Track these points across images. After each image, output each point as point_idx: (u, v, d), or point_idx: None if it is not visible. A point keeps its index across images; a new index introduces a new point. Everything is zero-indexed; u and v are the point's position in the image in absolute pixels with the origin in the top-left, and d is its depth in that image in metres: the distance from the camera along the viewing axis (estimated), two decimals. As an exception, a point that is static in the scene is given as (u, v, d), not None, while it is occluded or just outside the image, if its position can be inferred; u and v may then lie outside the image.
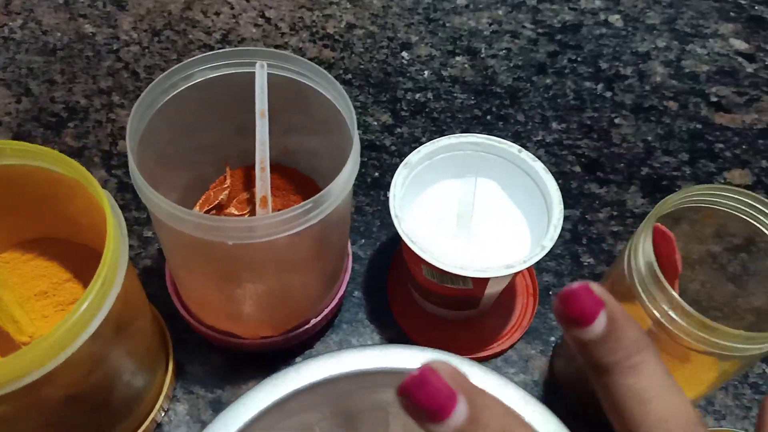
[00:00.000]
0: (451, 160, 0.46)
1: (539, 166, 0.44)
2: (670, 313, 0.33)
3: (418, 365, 0.19)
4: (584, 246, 0.53)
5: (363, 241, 0.52)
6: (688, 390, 0.39)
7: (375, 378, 0.38)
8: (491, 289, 0.43)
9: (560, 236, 0.53)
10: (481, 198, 0.46)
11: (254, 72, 0.39)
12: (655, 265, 0.33)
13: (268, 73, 0.40)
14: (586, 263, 0.52)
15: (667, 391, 0.21)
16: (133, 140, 0.35)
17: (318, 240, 0.38)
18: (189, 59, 0.38)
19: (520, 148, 0.45)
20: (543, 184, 0.44)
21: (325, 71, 0.39)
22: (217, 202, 0.44)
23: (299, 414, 0.38)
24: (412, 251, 0.41)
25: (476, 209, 0.46)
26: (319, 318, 0.44)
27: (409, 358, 0.38)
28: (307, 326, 0.44)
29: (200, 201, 0.45)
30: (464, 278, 0.41)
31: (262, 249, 0.34)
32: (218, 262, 0.35)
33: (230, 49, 0.39)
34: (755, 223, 0.37)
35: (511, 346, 0.48)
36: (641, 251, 0.34)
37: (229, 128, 0.43)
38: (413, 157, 0.44)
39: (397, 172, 0.43)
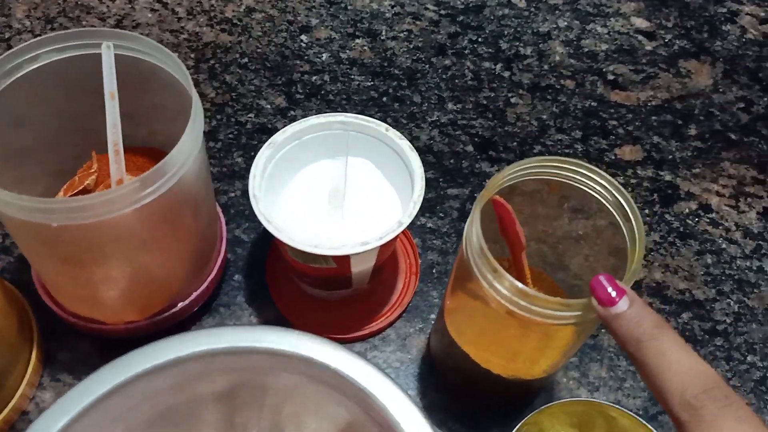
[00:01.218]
0: (322, 140, 0.46)
1: (405, 144, 0.44)
2: (497, 286, 0.33)
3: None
4: (471, 224, 0.53)
5: (246, 224, 0.52)
6: (543, 357, 0.40)
7: (222, 359, 0.38)
8: (358, 268, 0.43)
9: (448, 215, 0.54)
10: (353, 177, 0.46)
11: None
12: (482, 239, 0.33)
13: (123, 55, 0.40)
14: (472, 241, 0.52)
15: (685, 352, 0.27)
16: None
17: (164, 218, 0.37)
18: (32, 41, 0.38)
19: (387, 126, 0.45)
20: (408, 162, 0.44)
21: (165, 49, 0.38)
22: (82, 187, 0.44)
23: (148, 397, 0.37)
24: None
25: (348, 188, 0.46)
26: (187, 301, 0.44)
27: (250, 338, 0.38)
28: (174, 310, 0.44)
29: (65, 187, 0.44)
30: (325, 257, 0.41)
31: (94, 229, 0.34)
32: (53, 246, 0.35)
33: (74, 30, 0.39)
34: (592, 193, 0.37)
35: (390, 325, 0.49)
36: (473, 228, 0.34)
37: (91, 112, 0.43)
38: (279, 137, 0.44)
39: (260, 152, 0.43)
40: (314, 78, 0.60)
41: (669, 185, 0.57)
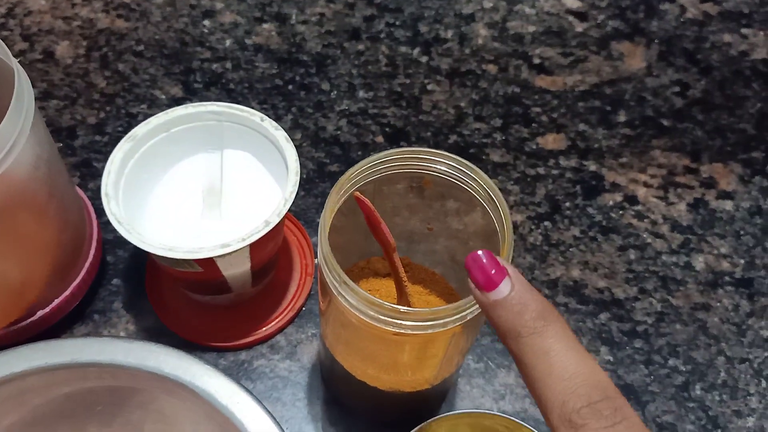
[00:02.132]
0: (193, 132, 0.42)
1: (281, 135, 0.40)
2: (349, 298, 0.29)
3: None
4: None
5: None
6: (422, 368, 0.36)
7: (63, 374, 0.34)
8: (230, 271, 0.40)
9: (349, 211, 0.50)
10: (231, 172, 0.42)
11: None
12: (327, 247, 0.29)
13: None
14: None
15: (572, 352, 0.22)
16: None
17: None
18: None
19: (262, 116, 0.41)
20: (285, 154, 0.40)
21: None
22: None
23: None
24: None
25: (226, 185, 0.42)
26: (48, 309, 0.40)
27: (96, 351, 0.34)
28: (33, 319, 0.40)
29: None
30: (187, 261, 0.38)
31: None
32: None
33: None
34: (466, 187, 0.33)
35: (280, 331, 0.45)
36: (322, 232, 0.30)
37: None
38: (140, 129, 0.40)
39: (117, 146, 0.39)
40: (215, 66, 0.56)
41: (593, 176, 0.54)
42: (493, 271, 0.24)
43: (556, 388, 0.22)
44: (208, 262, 0.38)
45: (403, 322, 0.28)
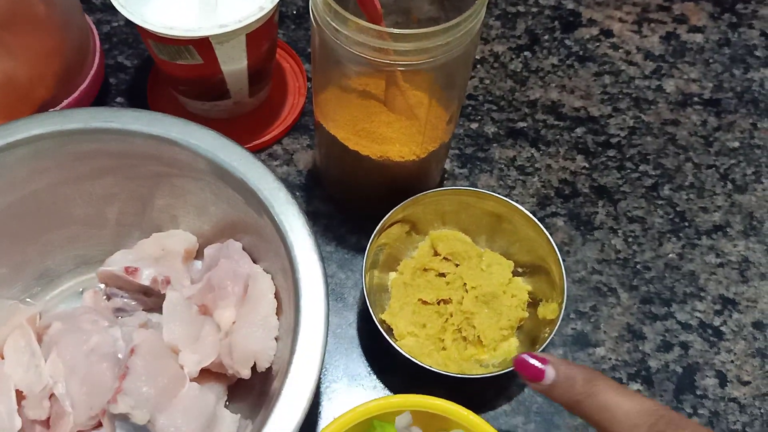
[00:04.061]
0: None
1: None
2: (347, 33, 0.32)
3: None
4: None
5: (130, 51, 0.50)
6: (408, 137, 0.39)
7: (79, 139, 0.37)
8: (228, 66, 0.42)
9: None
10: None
11: None
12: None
13: None
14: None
15: (623, 396, 0.28)
16: None
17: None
18: None
19: None
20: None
21: None
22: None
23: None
24: (142, 28, 0.39)
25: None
26: (59, 108, 0.43)
27: (106, 117, 0.37)
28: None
29: None
30: (187, 48, 0.40)
31: None
32: None
33: None
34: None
35: (277, 140, 0.48)
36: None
37: None
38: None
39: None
40: None
41: (571, 13, 0.56)
42: (537, 365, 0.30)
43: (622, 428, 0.27)
44: (208, 52, 0.40)
45: (392, 45, 0.31)
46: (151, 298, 0.39)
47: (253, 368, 0.35)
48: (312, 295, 0.33)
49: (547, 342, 0.37)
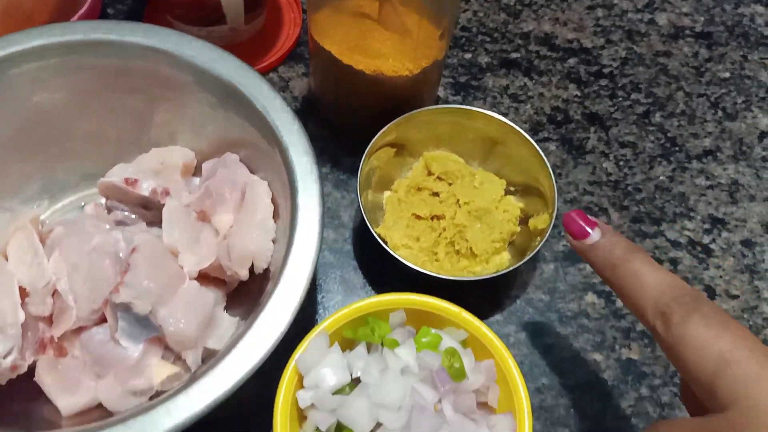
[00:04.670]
0: None
1: None
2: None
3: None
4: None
5: (127, -17, 0.51)
6: (401, 53, 0.40)
7: (76, 48, 0.38)
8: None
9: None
10: None
11: None
12: None
13: None
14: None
15: (656, 269, 0.28)
16: None
17: None
18: None
19: None
20: None
21: None
22: None
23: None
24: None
25: None
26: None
27: (105, 29, 0.38)
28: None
29: None
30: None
31: None
32: None
33: None
34: None
35: (273, 68, 0.49)
36: None
37: None
38: None
39: None
40: None
41: (564, -50, 0.57)
42: (585, 224, 0.31)
43: (646, 294, 0.28)
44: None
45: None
46: (151, 212, 0.40)
47: (251, 270, 0.36)
48: (307, 195, 0.34)
49: (537, 249, 0.38)
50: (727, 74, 0.52)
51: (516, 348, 0.40)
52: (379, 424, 0.30)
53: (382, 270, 0.42)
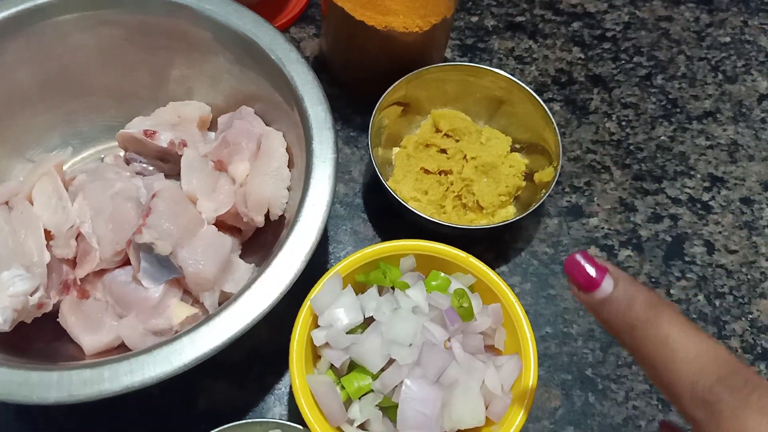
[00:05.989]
0: None
1: None
2: None
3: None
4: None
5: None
6: (412, 10, 0.41)
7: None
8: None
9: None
10: None
11: None
12: None
13: None
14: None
15: (690, 333, 0.22)
16: None
17: None
18: None
19: None
20: None
21: None
22: None
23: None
24: None
25: None
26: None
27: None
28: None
29: None
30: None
31: None
32: None
33: None
34: None
35: (285, 29, 0.50)
36: None
37: None
38: None
39: None
40: None
41: None
42: (593, 271, 0.23)
43: (682, 372, 0.21)
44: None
45: None
46: (168, 165, 0.41)
47: (267, 217, 0.37)
48: (321, 142, 0.35)
49: (543, 199, 0.39)
50: (728, 39, 0.53)
51: (521, 298, 0.41)
52: (391, 361, 0.32)
53: (391, 223, 0.43)
